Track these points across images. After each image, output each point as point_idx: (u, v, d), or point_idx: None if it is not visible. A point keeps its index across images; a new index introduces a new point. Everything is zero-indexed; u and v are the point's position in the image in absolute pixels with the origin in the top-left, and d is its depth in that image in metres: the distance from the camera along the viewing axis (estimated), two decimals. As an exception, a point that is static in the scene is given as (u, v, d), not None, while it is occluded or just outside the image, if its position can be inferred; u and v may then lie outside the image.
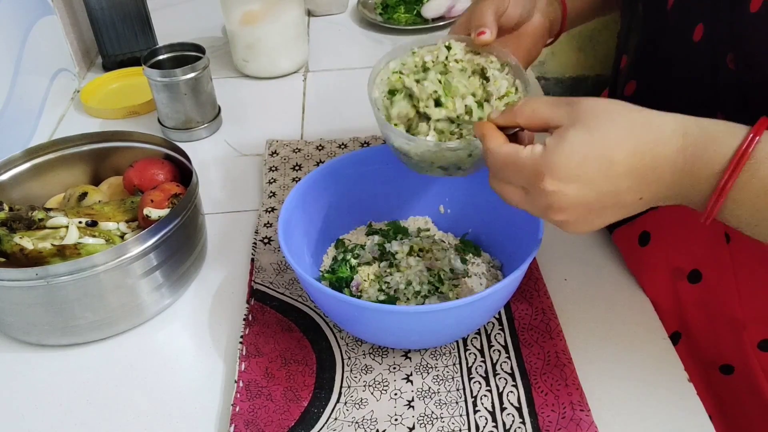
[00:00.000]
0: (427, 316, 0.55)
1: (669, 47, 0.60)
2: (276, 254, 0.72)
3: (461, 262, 0.66)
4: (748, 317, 0.60)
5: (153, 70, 0.89)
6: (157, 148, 0.75)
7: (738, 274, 0.60)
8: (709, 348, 0.62)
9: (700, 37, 0.55)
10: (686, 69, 0.58)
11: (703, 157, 0.43)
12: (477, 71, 0.57)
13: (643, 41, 0.64)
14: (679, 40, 0.57)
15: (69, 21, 1.08)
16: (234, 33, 1.06)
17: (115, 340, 0.65)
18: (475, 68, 0.57)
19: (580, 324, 0.63)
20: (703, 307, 0.63)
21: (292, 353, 0.61)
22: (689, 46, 0.56)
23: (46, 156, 0.74)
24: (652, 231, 0.65)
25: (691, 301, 0.64)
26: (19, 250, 0.62)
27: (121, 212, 0.69)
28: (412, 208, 0.73)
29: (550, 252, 0.70)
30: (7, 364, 0.64)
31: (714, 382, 0.63)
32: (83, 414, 0.59)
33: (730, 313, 0.61)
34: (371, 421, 0.55)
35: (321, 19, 1.28)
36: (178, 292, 0.68)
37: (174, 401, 0.59)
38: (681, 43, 0.57)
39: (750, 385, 0.62)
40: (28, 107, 0.92)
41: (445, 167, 0.57)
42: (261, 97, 1.05)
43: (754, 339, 0.60)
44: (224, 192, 0.84)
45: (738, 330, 0.61)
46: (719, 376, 0.64)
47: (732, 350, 0.62)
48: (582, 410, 0.53)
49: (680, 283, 0.64)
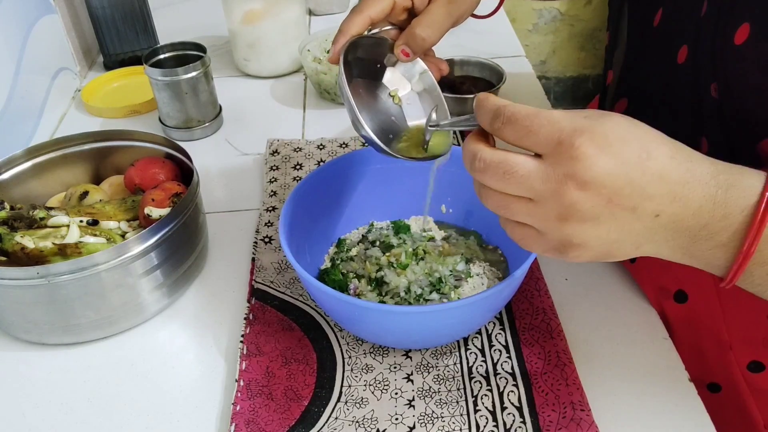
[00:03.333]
0: (427, 316, 0.55)
1: (653, 66, 0.58)
2: (277, 253, 0.72)
3: (464, 263, 0.66)
4: (734, 338, 0.60)
5: (154, 69, 0.89)
6: (158, 147, 0.75)
7: (722, 296, 0.59)
8: (696, 366, 0.61)
9: (684, 59, 0.53)
10: (670, 91, 0.56)
11: (736, 186, 0.39)
12: None
13: (629, 58, 0.63)
14: (664, 61, 0.56)
15: (70, 20, 1.09)
16: (235, 32, 1.06)
17: (116, 339, 0.65)
18: None
19: (581, 324, 0.63)
20: (690, 326, 0.63)
21: (292, 352, 0.61)
22: (673, 67, 0.54)
23: (47, 155, 0.74)
24: None
25: (677, 319, 0.64)
26: (20, 249, 0.62)
27: (122, 211, 0.69)
28: (414, 207, 0.73)
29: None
30: (8, 362, 0.64)
31: (701, 400, 0.63)
32: (84, 413, 0.59)
33: (717, 334, 0.61)
34: (372, 420, 0.55)
35: (322, 18, 1.28)
36: (178, 291, 0.68)
37: (175, 400, 0.59)
38: (665, 63, 0.56)
39: (738, 403, 0.62)
40: (29, 106, 0.92)
41: None
42: (262, 96, 1.05)
43: (741, 360, 0.60)
44: (225, 191, 0.85)
45: (725, 350, 0.60)
46: (706, 394, 0.63)
47: (719, 369, 0.62)
48: (582, 410, 0.53)
49: (666, 302, 0.64)
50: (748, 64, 0.46)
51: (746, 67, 0.46)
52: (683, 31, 0.53)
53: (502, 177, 0.41)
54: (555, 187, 0.39)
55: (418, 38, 0.57)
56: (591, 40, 2.20)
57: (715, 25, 0.49)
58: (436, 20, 0.57)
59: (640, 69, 0.61)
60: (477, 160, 0.42)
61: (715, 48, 0.49)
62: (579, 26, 2.17)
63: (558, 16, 2.15)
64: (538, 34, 2.18)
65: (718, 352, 0.61)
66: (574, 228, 0.40)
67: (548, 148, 0.39)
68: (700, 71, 0.52)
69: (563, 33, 2.18)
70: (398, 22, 0.60)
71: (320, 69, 0.97)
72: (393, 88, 0.59)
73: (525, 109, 0.40)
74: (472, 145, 0.42)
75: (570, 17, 2.15)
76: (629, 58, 0.63)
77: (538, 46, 2.20)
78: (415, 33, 0.57)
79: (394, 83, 0.60)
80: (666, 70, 0.56)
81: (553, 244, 0.42)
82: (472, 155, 0.42)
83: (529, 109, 0.40)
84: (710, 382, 0.63)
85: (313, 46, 1.04)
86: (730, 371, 0.61)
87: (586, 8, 2.13)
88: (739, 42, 0.46)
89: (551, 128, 0.39)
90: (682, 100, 0.55)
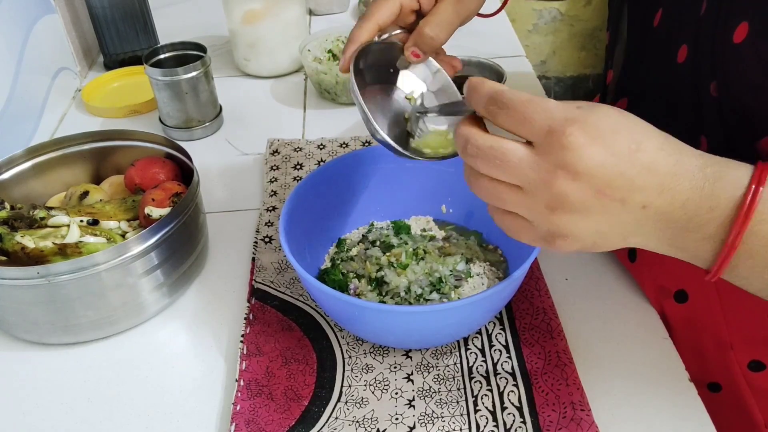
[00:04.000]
0: (428, 316, 0.55)
1: (653, 66, 0.58)
2: (277, 253, 0.72)
3: (465, 263, 0.66)
4: (734, 338, 0.60)
5: (154, 69, 0.89)
6: (158, 147, 0.75)
7: (722, 296, 0.59)
8: (696, 366, 0.61)
9: (684, 58, 0.53)
10: (670, 90, 0.56)
11: (724, 178, 0.39)
12: None
13: (629, 57, 0.63)
14: (663, 60, 0.56)
15: (70, 20, 1.09)
16: (235, 32, 1.06)
17: (116, 339, 0.65)
18: None
19: (581, 324, 0.63)
20: (690, 326, 0.63)
21: (292, 352, 0.61)
22: (673, 67, 0.54)
23: (47, 155, 0.74)
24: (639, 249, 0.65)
25: (678, 319, 0.64)
26: (20, 249, 0.62)
27: (122, 211, 0.69)
28: (414, 207, 0.73)
29: (551, 251, 0.70)
30: (8, 362, 0.64)
31: (702, 400, 0.63)
32: (84, 412, 0.59)
33: (717, 334, 0.61)
34: (372, 420, 0.55)
35: (322, 18, 1.28)
36: (179, 290, 0.68)
37: (175, 400, 0.59)
38: (665, 63, 0.56)
39: (738, 403, 0.62)
40: (29, 106, 0.92)
41: None
42: (262, 96, 1.05)
43: (741, 360, 0.60)
44: (225, 191, 0.85)
45: (725, 349, 0.60)
46: (707, 394, 0.63)
47: (719, 369, 0.62)
48: (583, 410, 0.53)
49: (667, 302, 0.64)
50: (746, 62, 0.46)
51: (745, 65, 0.46)
52: (683, 31, 0.53)
53: (493, 163, 0.41)
54: (545, 177, 0.39)
55: (427, 38, 0.57)
56: (591, 40, 2.20)
57: (714, 24, 0.49)
58: (444, 19, 0.57)
59: (639, 68, 0.61)
60: (469, 145, 0.42)
61: (715, 47, 0.49)
62: (579, 26, 2.17)
63: (558, 16, 2.15)
64: (539, 34, 2.18)
65: (719, 351, 0.61)
66: (563, 218, 0.40)
67: (540, 137, 0.39)
68: (699, 70, 0.52)
69: (563, 33, 2.18)
70: (407, 25, 0.61)
71: (320, 69, 0.97)
72: (409, 91, 0.59)
73: (520, 95, 0.40)
74: (465, 130, 0.42)
75: (570, 17, 2.15)
76: (629, 58, 0.63)
77: (538, 46, 2.20)
78: (424, 33, 0.57)
79: (409, 86, 0.59)
80: (666, 69, 0.56)
81: (541, 233, 0.42)
82: (464, 140, 0.42)
83: (524, 95, 0.40)
84: (710, 382, 0.63)
85: (314, 46, 1.05)
86: (730, 371, 0.61)
87: (586, 8, 2.13)
88: (738, 41, 0.46)
89: (544, 115, 0.39)
90: (681, 99, 0.55)
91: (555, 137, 0.39)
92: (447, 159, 0.54)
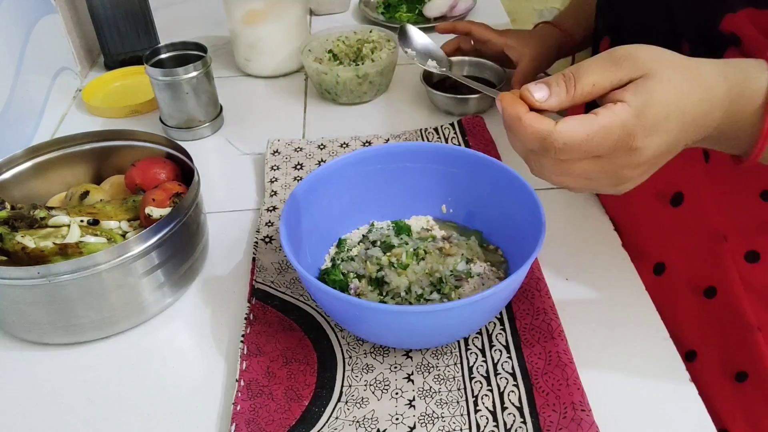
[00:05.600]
0: (428, 316, 0.54)
1: None
2: (277, 253, 0.72)
3: (465, 263, 0.66)
4: (727, 228, 0.62)
5: (155, 69, 0.89)
6: (158, 147, 0.75)
7: (714, 183, 0.62)
8: (692, 272, 0.63)
9: None
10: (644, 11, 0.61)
11: (745, 95, 0.45)
12: None
13: None
14: None
15: (71, 20, 1.09)
16: (236, 32, 1.06)
17: (116, 339, 0.65)
18: None
19: (582, 324, 0.63)
20: (685, 228, 0.65)
21: (293, 352, 0.61)
22: None
23: (47, 155, 0.74)
24: None
25: (673, 225, 0.66)
26: (20, 249, 0.62)
27: (122, 211, 0.69)
28: (414, 207, 0.73)
29: (552, 252, 0.70)
30: (9, 362, 0.64)
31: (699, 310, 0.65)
32: (84, 412, 0.59)
33: (710, 227, 0.62)
34: (372, 420, 0.55)
35: (323, 18, 1.29)
36: (179, 291, 0.68)
37: (175, 400, 0.59)
38: None
39: (731, 308, 0.63)
40: (30, 106, 0.92)
41: None
42: (263, 96, 1.05)
43: (736, 251, 0.62)
44: (226, 191, 0.85)
45: (719, 243, 0.62)
46: (703, 301, 0.65)
47: (713, 269, 0.64)
48: (583, 410, 0.53)
49: (663, 209, 0.66)
50: None
51: None
52: None
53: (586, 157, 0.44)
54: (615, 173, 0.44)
55: None
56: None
57: None
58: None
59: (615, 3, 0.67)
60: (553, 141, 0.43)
61: None
62: (580, 26, 2.17)
63: (559, 16, 2.15)
64: (539, 34, 2.18)
65: (713, 245, 0.63)
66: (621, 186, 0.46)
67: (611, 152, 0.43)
68: None
69: (564, 33, 2.18)
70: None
71: (321, 69, 0.97)
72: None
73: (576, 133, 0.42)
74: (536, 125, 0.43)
75: (571, 17, 2.15)
76: None
77: (539, 46, 2.20)
78: None
79: None
80: None
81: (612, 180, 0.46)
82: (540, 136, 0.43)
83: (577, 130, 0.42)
84: (706, 288, 0.64)
85: (314, 46, 1.05)
86: (724, 268, 0.62)
87: (586, 8, 2.13)
88: None
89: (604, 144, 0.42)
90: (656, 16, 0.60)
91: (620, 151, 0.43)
92: None
